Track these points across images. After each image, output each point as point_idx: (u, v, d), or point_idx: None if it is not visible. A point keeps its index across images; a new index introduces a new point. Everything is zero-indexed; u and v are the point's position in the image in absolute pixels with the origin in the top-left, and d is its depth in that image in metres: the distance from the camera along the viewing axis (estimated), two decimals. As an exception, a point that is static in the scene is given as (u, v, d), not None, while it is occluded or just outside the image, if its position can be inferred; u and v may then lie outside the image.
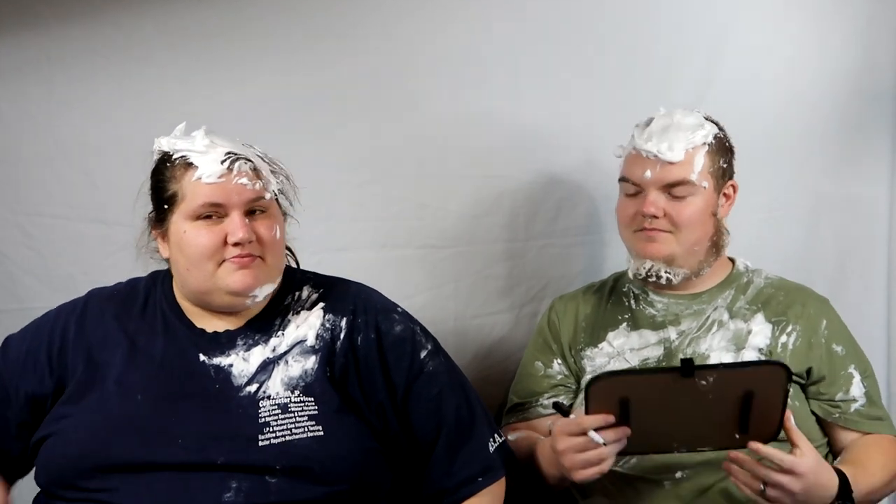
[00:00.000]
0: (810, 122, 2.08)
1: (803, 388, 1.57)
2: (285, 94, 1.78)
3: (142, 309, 1.40)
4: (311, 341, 1.36)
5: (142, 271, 1.46)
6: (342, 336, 1.38)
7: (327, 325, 1.38)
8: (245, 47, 1.76)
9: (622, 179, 1.63)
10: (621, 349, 1.63)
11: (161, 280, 1.43)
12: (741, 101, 1.92)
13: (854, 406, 1.55)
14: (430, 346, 1.42)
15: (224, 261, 1.30)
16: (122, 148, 1.71)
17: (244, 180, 1.31)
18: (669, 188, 1.56)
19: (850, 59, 2.08)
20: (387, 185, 1.87)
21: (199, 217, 1.30)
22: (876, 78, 2.09)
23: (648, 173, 1.56)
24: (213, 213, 1.30)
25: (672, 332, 1.60)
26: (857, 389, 1.56)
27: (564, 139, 1.96)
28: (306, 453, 1.26)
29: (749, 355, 1.55)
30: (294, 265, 1.49)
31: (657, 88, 1.97)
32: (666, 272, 1.58)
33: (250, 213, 1.33)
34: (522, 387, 1.71)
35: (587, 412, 1.33)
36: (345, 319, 1.39)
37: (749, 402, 1.32)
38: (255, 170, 1.34)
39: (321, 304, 1.40)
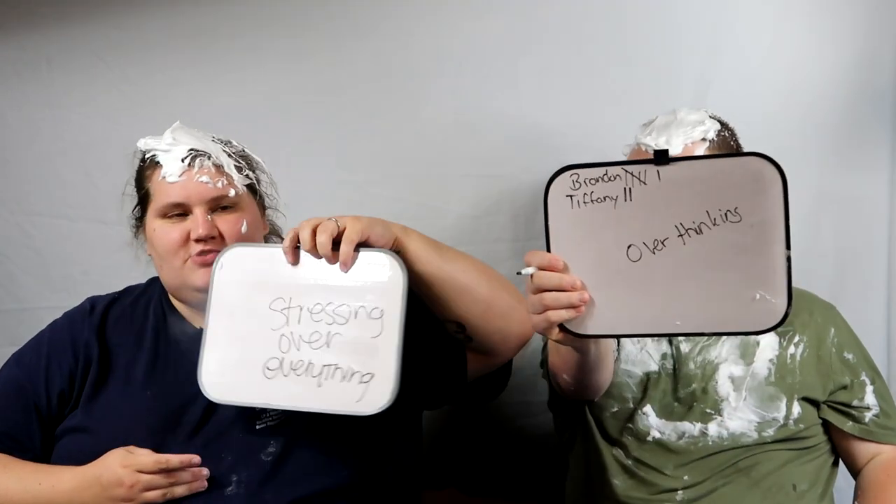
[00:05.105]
0: (810, 122, 2.07)
1: (818, 404, 1.56)
2: (285, 95, 1.79)
3: (144, 311, 1.41)
4: None
5: (142, 273, 1.46)
6: None
7: None
8: (245, 48, 1.76)
9: None
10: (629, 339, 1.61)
11: (157, 281, 1.44)
12: (740, 101, 1.91)
13: (868, 415, 1.54)
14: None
15: (190, 257, 1.32)
16: (122, 148, 1.71)
17: (205, 178, 1.32)
18: None
19: (849, 60, 2.07)
20: (387, 185, 1.88)
21: (165, 215, 1.33)
22: (876, 77, 2.09)
23: None
24: (178, 211, 1.33)
25: (681, 336, 1.60)
26: (870, 397, 1.55)
27: (564, 139, 1.96)
28: (294, 429, 1.28)
29: (759, 368, 1.55)
30: None
31: (657, 88, 1.96)
32: None
33: (217, 208, 1.34)
34: None
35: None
36: None
37: None
38: (218, 166, 1.34)
39: None
